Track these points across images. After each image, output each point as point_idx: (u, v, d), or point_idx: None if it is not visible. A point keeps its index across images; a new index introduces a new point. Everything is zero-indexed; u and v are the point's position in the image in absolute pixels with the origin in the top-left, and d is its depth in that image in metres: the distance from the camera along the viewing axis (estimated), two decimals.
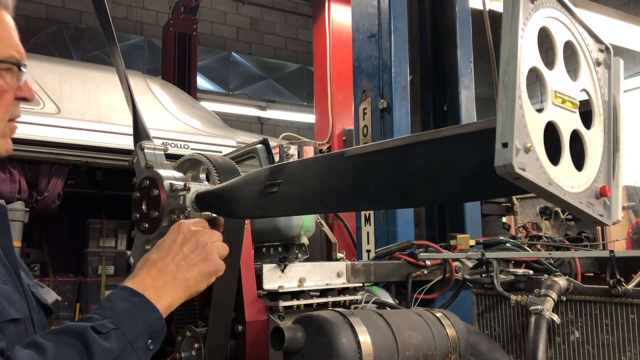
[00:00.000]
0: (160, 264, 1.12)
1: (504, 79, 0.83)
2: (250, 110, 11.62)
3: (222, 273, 1.22)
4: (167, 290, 1.09)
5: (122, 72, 1.60)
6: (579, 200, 0.89)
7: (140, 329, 1.01)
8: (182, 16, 7.49)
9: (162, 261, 1.12)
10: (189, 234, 1.16)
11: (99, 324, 0.96)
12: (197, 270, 1.14)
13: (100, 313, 0.99)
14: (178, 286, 1.10)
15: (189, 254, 1.14)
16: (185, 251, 1.14)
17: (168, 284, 1.09)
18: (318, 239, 3.63)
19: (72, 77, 4.81)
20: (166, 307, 1.08)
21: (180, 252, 1.14)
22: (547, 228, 3.72)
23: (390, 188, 1.07)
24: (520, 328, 1.95)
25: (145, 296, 1.04)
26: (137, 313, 1.02)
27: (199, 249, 1.16)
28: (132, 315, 1.01)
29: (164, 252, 1.14)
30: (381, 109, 2.96)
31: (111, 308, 1.01)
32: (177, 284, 1.10)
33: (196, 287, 1.14)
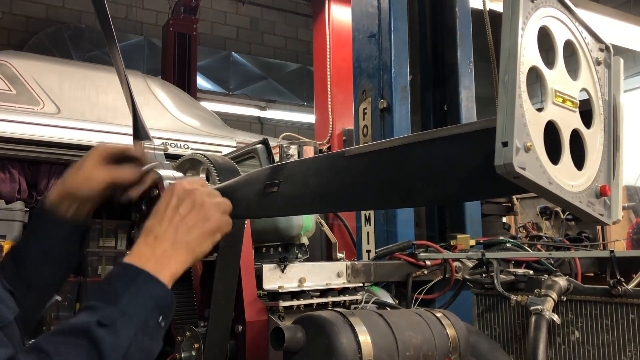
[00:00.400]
0: (156, 230, 1.04)
1: (504, 78, 0.83)
2: (250, 110, 11.62)
3: (228, 229, 1.14)
4: (169, 257, 1.01)
5: (122, 72, 1.59)
6: (579, 199, 0.89)
7: (149, 309, 0.94)
8: (182, 16, 7.49)
9: (159, 227, 1.04)
10: (184, 194, 1.08)
11: (103, 315, 0.89)
12: (198, 230, 1.06)
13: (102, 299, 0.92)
14: (180, 250, 1.03)
15: (186, 214, 1.06)
16: (182, 212, 1.06)
17: (168, 250, 1.02)
18: (318, 239, 3.63)
19: (72, 77, 4.82)
20: (171, 275, 1.00)
21: (176, 215, 1.05)
22: (547, 228, 3.72)
23: (390, 188, 1.06)
24: (521, 328, 1.95)
25: (147, 272, 0.96)
26: (141, 293, 0.94)
27: (197, 208, 1.07)
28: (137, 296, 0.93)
29: (159, 217, 1.06)
30: (381, 109, 2.96)
31: (113, 292, 0.93)
32: (179, 248, 1.03)
33: (200, 249, 1.07)
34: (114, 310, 0.90)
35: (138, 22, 10.45)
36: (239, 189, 1.36)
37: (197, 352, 1.75)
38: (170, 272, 1.00)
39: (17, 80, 4.38)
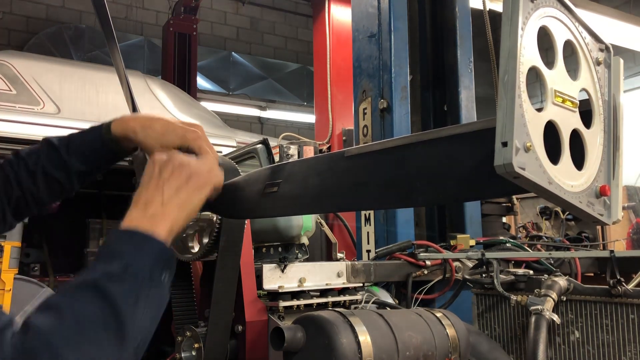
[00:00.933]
0: (143, 196, 1.04)
1: (503, 78, 0.83)
2: (250, 110, 11.62)
3: (218, 181, 1.16)
4: (161, 216, 1.02)
5: (122, 72, 1.60)
6: (579, 199, 0.89)
7: (151, 262, 0.94)
8: (182, 16, 7.49)
9: (145, 193, 1.05)
10: (163, 162, 1.10)
11: (108, 269, 0.89)
12: (184, 188, 1.07)
13: (104, 260, 0.92)
14: (170, 209, 1.03)
15: (169, 177, 1.07)
16: (165, 176, 1.07)
17: (158, 210, 1.02)
18: (318, 239, 3.63)
19: (72, 77, 4.81)
20: (167, 232, 1.00)
21: (159, 180, 1.06)
22: (547, 228, 3.72)
23: (390, 188, 1.06)
24: (520, 328, 1.95)
25: (141, 232, 0.97)
26: (141, 249, 0.95)
27: (178, 169, 1.09)
28: (137, 252, 0.94)
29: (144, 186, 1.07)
30: (381, 109, 2.96)
31: (113, 251, 0.94)
32: (168, 207, 1.03)
33: (192, 203, 1.08)
34: (118, 264, 0.91)
35: (138, 22, 10.45)
36: (239, 189, 1.36)
37: (197, 352, 1.75)
38: (164, 229, 1.01)
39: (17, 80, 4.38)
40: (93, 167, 1.32)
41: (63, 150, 1.28)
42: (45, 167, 1.27)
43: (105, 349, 0.83)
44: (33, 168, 1.27)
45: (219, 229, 1.65)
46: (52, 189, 1.30)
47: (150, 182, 1.07)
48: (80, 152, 1.29)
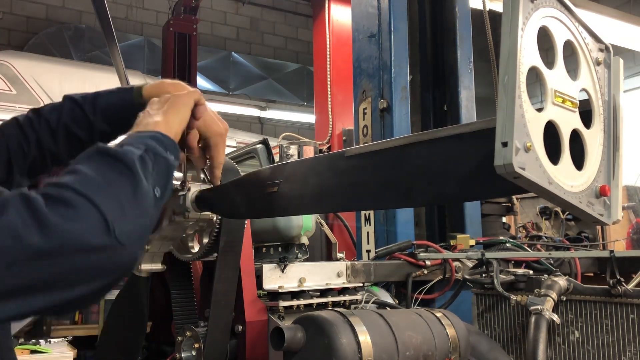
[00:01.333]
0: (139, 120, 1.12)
1: (503, 78, 0.83)
2: (250, 110, 11.61)
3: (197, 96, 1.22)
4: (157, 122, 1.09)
5: (122, 72, 1.60)
6: (579, 199, 0.89)
7: (153, 142, 1.00)
8: (182, 16, 7.48)
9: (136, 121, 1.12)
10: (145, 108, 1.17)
11: (113, 146, 0.94)
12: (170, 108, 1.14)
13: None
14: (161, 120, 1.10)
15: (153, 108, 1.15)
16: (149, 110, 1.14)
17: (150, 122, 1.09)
18: (318, 239, 3.63)
19: (72, 77, 4.82)
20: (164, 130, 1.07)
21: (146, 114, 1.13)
22: (547, 228, 3.72)
23: (390, 188, 1.07)
24: (520, 328, 1.95)
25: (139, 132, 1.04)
26: (143, 137, 1.01)
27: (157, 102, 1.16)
28: (137, 137, 1.00)
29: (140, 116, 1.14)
30: (381, 109, 2.96)
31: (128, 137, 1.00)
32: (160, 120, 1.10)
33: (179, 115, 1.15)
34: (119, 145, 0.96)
35: (138, 22, 10.45)
36: (239, 189, 1.36)
37: (197, 352, 1.75)
38: (162, 129, 1.06)
39: (17, 80, 4.38)
40: (117, 129, 1.34)
41: (89, 109, 1.29)
42: (68, 125, 1.28)
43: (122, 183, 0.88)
44: (55, 126, 1.27)
45: (219, 229, 1.65)
46: (73, 148, 1.30)
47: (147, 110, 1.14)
48: (107, 112, 1.31)
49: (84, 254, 0.79)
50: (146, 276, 1.61)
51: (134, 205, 0.87)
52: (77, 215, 0.79)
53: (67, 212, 0.79)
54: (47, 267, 0.76)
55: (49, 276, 0.77)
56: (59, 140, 1.28)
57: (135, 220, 0.87)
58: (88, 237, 0.79)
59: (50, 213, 0.77)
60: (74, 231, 0.78)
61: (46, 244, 0.76)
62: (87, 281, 0.81)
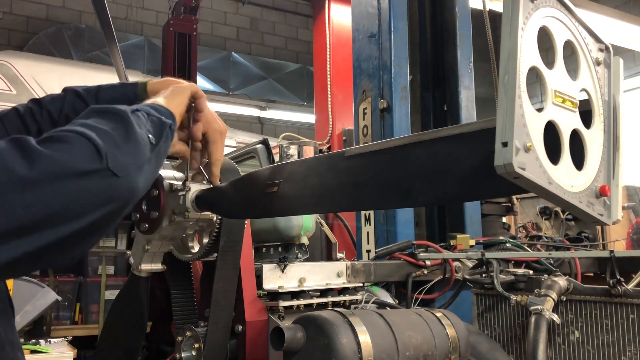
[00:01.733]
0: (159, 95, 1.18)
1: (503, 78, 0.83)
2: (250, 110, 11.61)
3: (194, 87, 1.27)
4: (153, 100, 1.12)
5: (122, 72, 1.60)
6: (579, 199, 0.89)
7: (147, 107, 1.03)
8: (182, 16, 7.48)
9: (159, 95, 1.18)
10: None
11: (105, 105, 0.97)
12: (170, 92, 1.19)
13: None
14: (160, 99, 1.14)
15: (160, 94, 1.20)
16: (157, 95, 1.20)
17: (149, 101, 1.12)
18: (318, 239, 3.62)
19: (72, 77, 4.82)
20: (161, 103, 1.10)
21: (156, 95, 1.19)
22: (547, 228, 3.72)
23: (390, 188, 1.07)
24: (520, 328, 1.95)
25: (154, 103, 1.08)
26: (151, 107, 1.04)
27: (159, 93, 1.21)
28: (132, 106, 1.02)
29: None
30: (381, 109, 2.96)
31: None
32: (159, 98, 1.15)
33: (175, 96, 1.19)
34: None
35: (138, 22, 10.45)
36: (239, 189, 1.36)
37: (197, 352, 1.75)
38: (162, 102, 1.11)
39: (17, 80, 4.38)
40: None
41: (91, 102, 1.30)
42: (70, 116, 1.28)
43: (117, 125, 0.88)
44: (56, 117, 1.28)
45: (219, 229, 1.65)
46: None
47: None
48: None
49: (73, 179, 0.77)
50: (146, 276, 1.61)
51: (129, 144, 0.88)
52: (68, 147, 0.78)
53: (59, 145, 0.78)
54: (38, 195, 0.74)
55: (41, 206, 0.74)
56: None
57: (130, 156, 0.86)
58: (77, 163, 0.78)
59: (42, 146, 0.77)
60: (62, 159, 0.77)
61: (34, 171, 0.74)
62: (82, 211, 0.78)
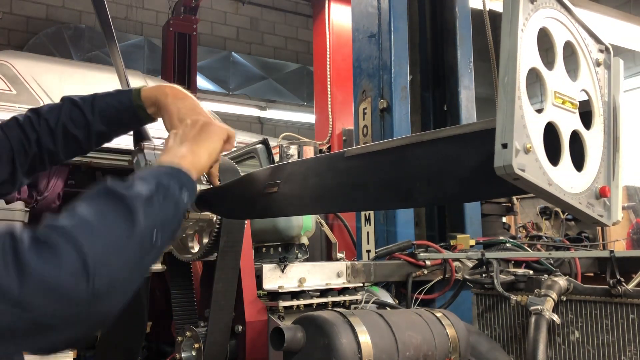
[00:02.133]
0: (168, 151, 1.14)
1: (503, 79, 0.83)
2: (250, 110, 11.62)
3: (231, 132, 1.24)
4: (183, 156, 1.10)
5: (122, 72, 1.60)
6: (579, 200, 0.89)
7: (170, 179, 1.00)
8: (182, 16, 7.48)
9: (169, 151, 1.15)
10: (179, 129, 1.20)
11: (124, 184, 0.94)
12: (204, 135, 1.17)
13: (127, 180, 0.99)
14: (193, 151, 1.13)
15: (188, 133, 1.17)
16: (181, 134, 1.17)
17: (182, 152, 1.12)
18: (318, 239, 3.63)
19: (72, 77, 4.81)
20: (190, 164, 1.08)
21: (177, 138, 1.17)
22: (547, 228, 3.72)
23: (390, 188, 1.07)
24: (520, 328, 1.95)
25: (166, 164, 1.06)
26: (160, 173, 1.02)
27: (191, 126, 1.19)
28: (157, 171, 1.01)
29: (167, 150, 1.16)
30: (381, 109, 2.96)
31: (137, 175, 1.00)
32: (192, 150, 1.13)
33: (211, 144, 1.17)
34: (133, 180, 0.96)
35: (138, 22, 10.45)
36: (239, 189, 1.36)
37: (197, 352, 1.75)
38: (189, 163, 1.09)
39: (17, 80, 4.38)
40: (114, 130, 1.36)
41: (87, 110, 1.31)
42: (66, 124, 1.29)
43: (116, 224, 0.86)
44: (54, 125, 1.29)
45: (219, 229, 1.65)
46: (70, 148, 1.32)
47: (171, 145, 1.16)
48: (105, 113, 1.32)
49: (58, 298, 0.77)
50: (146, 276, 1.61)
51: (124, 253, 0.85)
52: (57, 260, 0.77)
53: (48, 255, 0.77)
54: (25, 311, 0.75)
55: (17, 319, 0.75)
56: (57, 139, 1.29)
57: (121, 269, 0.84)
58: (63, 282, 0.77)
59: (33, 254, 0.76)
60: (50, 276, 0.76)
61: (23, 289, 0.74)
62: (58, 330, 0.79)
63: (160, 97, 1.31)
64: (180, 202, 1.00)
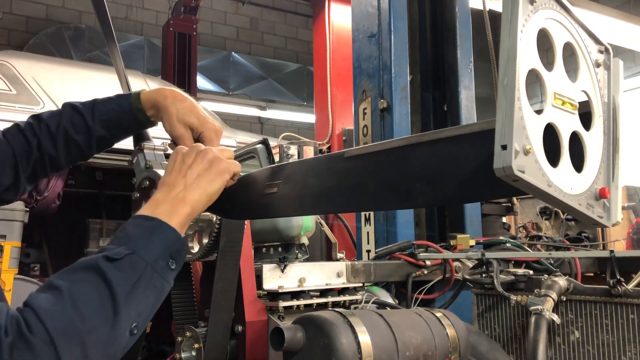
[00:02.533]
0: (168, 181, 1.11)
1: (503, 80, 0.83)
2: (250, 110, 11.62)
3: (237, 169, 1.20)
4: (182, 198, 1.08)
5: (122, 72, 1.60)
6: (579, 201, 0.89)
7: (159, 251, 0.99)
8: (182, 16, 7.48)
9: (169, 177, 1.12)
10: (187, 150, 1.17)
11: (112, 252, 0.94)
12: (207, 173, 1.13)
13: (115, 243, 0.98)
14: (192, 191, 1.09)
15: (192, 163, 1.13)
16: (188, 162, 1.14)
17: (180, 192, 1.08)
18: (318, 239, 3.63)
19: (72, 77, 4.81)
20: (186, 217, 1.06)
21: (183, 165, 1.13)
22: (547, 228, 3.72)
23: (390, 189, 1.07)
24: (520, 328, 1.95)
25: (158, 219, 1.02)
26: (152, 236, 1.00)
27: (201, 156, 1.15)
28: (147, 239, 0.99)
29: (168, 171, 1.14)
30: (381, 109, 2.96)
31: (125, 236, 0.99)
32: (191, 189, 1.09)
33: (212, 187, 1.13)
34: (124, 249, 0.95)
35: (138, 22, 10.45)
36: (239, 189, 1.36)
37: (197, 352, 1.75)
38: (184, 212, 1.06)
39: (17, 80, 4.37)
40: (114, 134, 1.36)
41: (87, 115, 1.31)
42: (67, 130, 1.30)
43: (97, 328, 0.87)
44: (54, 131, 1.29)
45: (219, 229, 1.65)
46: (71, 153, 1.33)
47: (174, 167, 1.14)
48: (105, 118, 1.32)
49: None
50: None
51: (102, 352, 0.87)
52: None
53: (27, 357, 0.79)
54: None
55: None
56: (58, 144, 1.30)
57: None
58: None
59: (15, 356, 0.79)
60: None
61: None
62: None
63: (160, 99, 1.31)
64: (166, 279, 1.00)
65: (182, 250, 1.04)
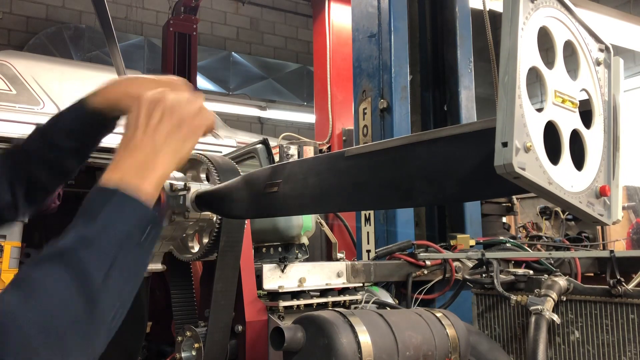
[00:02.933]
0: (133, 141, 0.96)
1: (503, 78, 0.83)
2: (250, 110, 11.61)
3: (211, 123, 1.07)
4: (152, 165, 0.95)
5: (122, 72, 1.60)
6: (579, 199, 0.89)
7: (132, 222, 0.89)
8: (182, 16, 7.48)
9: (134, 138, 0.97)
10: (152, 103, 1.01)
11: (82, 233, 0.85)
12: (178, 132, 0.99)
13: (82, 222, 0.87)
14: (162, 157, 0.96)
15: (160, 121, 0.99)
16: (155, 120, 0.98)
17: (149, 157, 0.95)
18: (318, 239, 3.62)
19: (72, 77, 4.81)
20: (155, 185, 0.94)
21: (149, 123, 0.98)
22: (547, 228, 3.72)
23: (390, 188, 1.07)
24: (520, 328, 1.95)
25: (123, 192, 0.90)
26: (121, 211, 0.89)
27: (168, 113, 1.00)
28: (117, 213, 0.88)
29: (132, 129, 0.98)
30: (381, 109, 2.96)
31: (92, 212, 0.88)
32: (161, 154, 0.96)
33: (185, 148, 1.00)
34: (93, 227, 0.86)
35: (138, 22, 10.45)
36: (239, 189, 1.36)
37: (197, 352, 1.75)
38: (153, 181, 0.94)
39: (17, 80, 4.37)
40: (84, 142, 1.30)
41: (51, 132, 1.27)
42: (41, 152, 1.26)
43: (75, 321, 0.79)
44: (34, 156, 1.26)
45: (219, 229, 1.65)
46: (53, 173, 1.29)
47: (138, 124, 0.99)
48: (67, 129, 1.26)
49: None
50: (146, 276, 1.61)
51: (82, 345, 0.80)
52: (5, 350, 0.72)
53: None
54: None
55: None
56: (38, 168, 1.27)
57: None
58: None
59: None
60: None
61: None
62: None
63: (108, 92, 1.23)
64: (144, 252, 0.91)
65: (155, 220, 0.93)
